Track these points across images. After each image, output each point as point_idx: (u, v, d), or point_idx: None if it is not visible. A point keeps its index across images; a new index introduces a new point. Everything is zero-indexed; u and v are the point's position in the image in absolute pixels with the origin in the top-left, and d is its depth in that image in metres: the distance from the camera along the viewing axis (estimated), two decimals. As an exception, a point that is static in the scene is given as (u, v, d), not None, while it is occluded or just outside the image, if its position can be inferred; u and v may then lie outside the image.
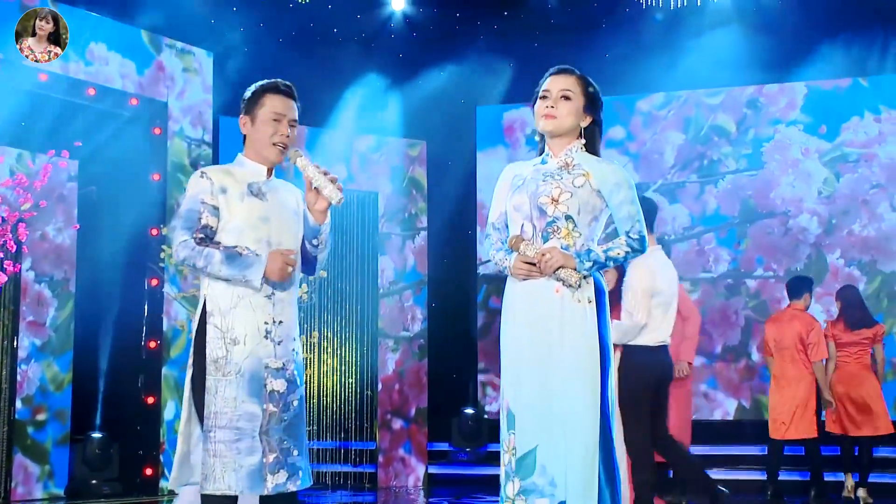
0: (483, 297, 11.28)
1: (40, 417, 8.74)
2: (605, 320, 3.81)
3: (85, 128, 8.67)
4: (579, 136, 3.95)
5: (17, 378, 8.57)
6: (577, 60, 4.12)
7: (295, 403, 3.85)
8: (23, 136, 8.45)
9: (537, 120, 3.94)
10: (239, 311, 3.80)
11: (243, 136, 4.00)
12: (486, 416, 10.75)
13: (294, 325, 3.93)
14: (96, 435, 8.93)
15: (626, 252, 3.86)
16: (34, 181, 7.08)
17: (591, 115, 3.95)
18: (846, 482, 8.41)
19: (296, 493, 3.88)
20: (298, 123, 4.00)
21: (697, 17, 10.23)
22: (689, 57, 10.35)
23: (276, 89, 3.95)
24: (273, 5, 10.03)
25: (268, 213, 3.88)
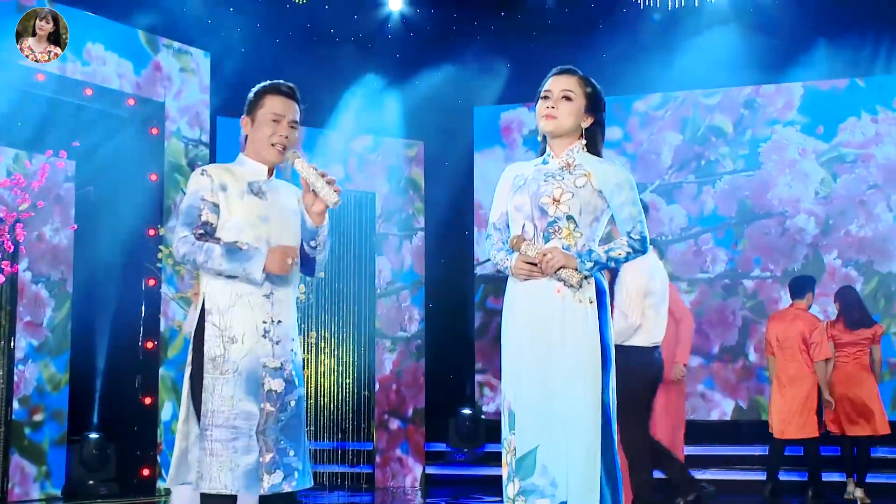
0: (480, 298, 11.28)
1: (37, 418, 8.73)
2: (607, 320, 3.80)
3: (82, 128, 8.66)
4: (581, 136, 3.95)
5: (14, 378, 8.55)
6: (574, 61, 4.11)
7: (293, 404, 3.83)
8: (20, 136, 8.43)
9: (538, 120, 3.94)
10: (237, 310, 3.79)
11: (245, 136, 4.01)
12: (483, 417, 10.75)
13: (293, 325, 3.92)
14: (93, 435, 8.91)
15: (627, 252, 3.86)
16: (32, 181, 7.07)
17: (593, 116, 3.95)
18: (848, 486, 8.41)
19: (295, 494, 3.87)
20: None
21: (694, 18, 10.24)
22: (686, 57, 10.36)
23: (277, 90, 3.95)
24: (270, 5, 10.02)
25: (267, 212, 3.88)
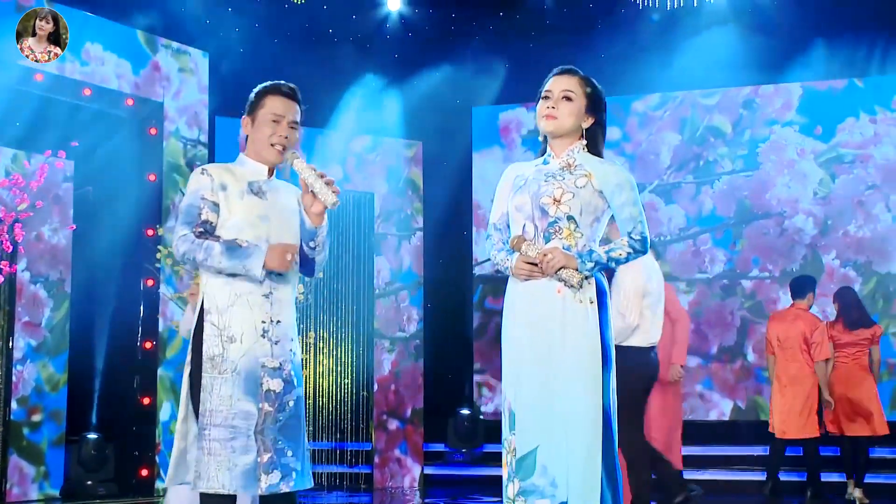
0: (479, 298, 11.28)
1: (36, 418, 8.72)
2: (607, 321, 3.80)
3: (80, 128, 8.66)
4: (581, 136, 3.95)
5: (13, 379, 8.55)
6: (572, 61, 4.10)
7: (291, 404, 3.82)
8: (18, 136, 8.43)
9: (539, 120, 3.94)
10: (236, 310, 3.79)
11: (245, 137, 4.01)
12: (481, 417, 10.75)
13: (292, 325, 3.92)
14: (92, 436, 8.91)
15: (628, 253, 3.85)
16: (30, 181, 7.07)
17: (594, 116, 3.94)
18: (848, 487, 8.40)
19: (294, 494, 3.87)
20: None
21: (693, 18, 10.25)
22: (684, 58, 10.36)
23: (278, 91, 3.95)
24: (269, 6, 10.02)
25: (267, 211, 3.88)
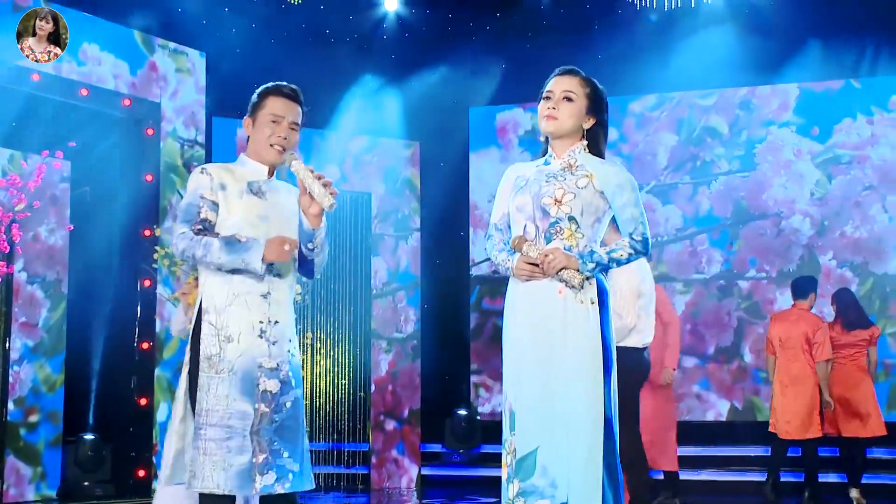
0: (476, 299, 11.29)
1: (32, 419, 8.71)
2: (608, 321, 3.80)
3: (77, 128, 8.65)
4: (582, 137, 3.95)
5: (10, 379, 8.53)
6: (569, 62, 4.10)
7: (288, 405, 3.82)
8: (15, 136, 8.41)
9: (540, 121, 3.93)
10: (234, 309, 3.79)
11: (247, 137, 4.02)
12: (478, 418, 10.76)
13: (290, 326, 3.92)
14: (89, 436, 8.89)
15: (629, 254, 3.85)
16: (28, 182, 7.06)
17: (595, 117, 3.94)
18: (851, 492, 8.40)
19: (294, 495, 3.86)
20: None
21: (690, 19, 10.25)
22: (681, 58, 10.37)
23: (279, 92, 3.96)
24: (266, 6, 10.01)
25: (267, 212, 3.88)
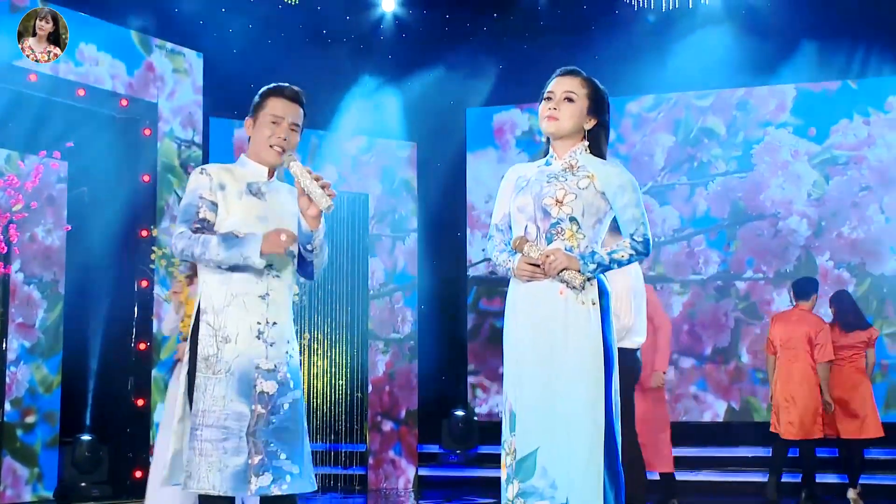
0: (473, 299, 11.28)
1: (29, 420, 8.69)
2: (609, 322, 3.79)
3: (74, 128, 8.63)
4: (584, 137, 3.94)
5: (6, 380, 8.52)
6: (566, 62, 4.09)
7: (286, 407, 3.80)
8: (12, 136, 8.40)
9: (540, 121, 3.92)
10: (232, 310, 3.79)
11: (248, 138, 4.01)
12: (476, 418, 10.76)
13: (289, 327, 3.91)
14: (86, 437, 8.88)
15: (630, 255, 3.85)
16: (25, 182, 7.05)
17: (596, 118, 3.93)
18: (848, 493, 8.41)
19: (294, 497, 3.85)
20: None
21: (686, 20, 10.25)
22: (679, 59, 10.38)
23: (280, 93, 3.94)
24: (263, 6, 10.00)
25: (266, 212, 3.87)
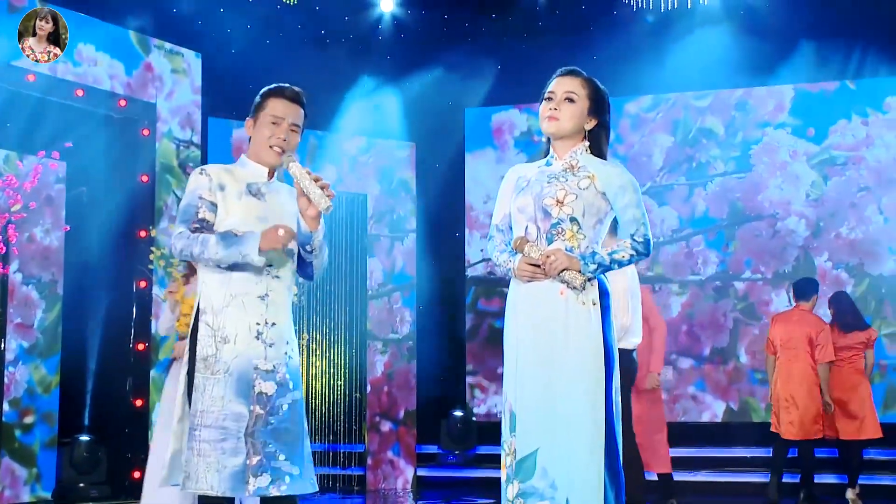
0: (472, 299, 11.29)
1: (28, 420, 8.68)
2: (610, 323, 3.79)
3: (72, 129, 8.62)
4: (584, 138, 3.94)
5: (5, 380, 8.51)
6: (565, 63, 4.09)
7: (285, 408, 3.80)
8: (10, 137, 8.39)
9: (541, 122, 3.92)
10: (231, 311, 3.79)
11: (249, 139, 4.01)
12: (474, 419, 10.75)
13: (288, 328, 3.91)
14: (84, 438, 8.86)
15: (630, 255, 3.85)
16: (24, 182, 7.05)
17: (597, 118, 3.93)
18: (847, 493, 8.40)
19: (295, 498, 3.85)
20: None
21: (685, 20, 10.25)
22: (677, 59, 10.38)
23: (281, 94, 3.94)
24: (262, 6, 10.00)
25: (266, 213, 3.87)
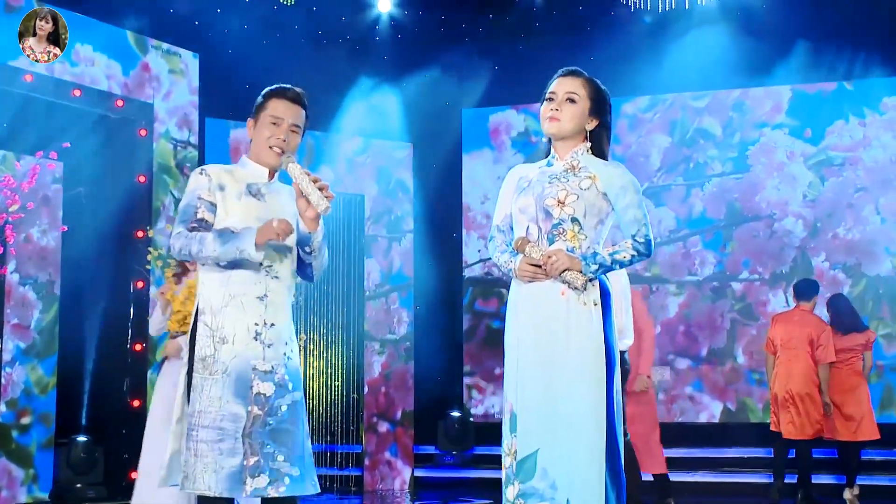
0: (469, 300, 11.28)
1: (25, 421, 8.68)
2: (611, 323, 3.79)
3: (70, 129, 8.61)
4: (585, 138, 3.93)
5: (2, 381, 8.50)
6: (562, 63, 4.10)
7: (284, 408, 3.79)
8: (8, 137, 8.38)
9: (542, 122, 3.92)
10: (229, 311, 3.78)
11: (250, 139, 4.00)
12: (471, 420, 10.75)
13: (287, 329, 3.90)
14: (81, 438, 8.85)
15: (632, 255, 3.84)
16: (21, 183, 7.04)
17: (598, 118, 3.92)
18: (844, 493, 8.41)
19: (295, 499, 3.84)
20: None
21: (682, 21, 10.27)
22: (674, 60, 10.39)
23: (282, 94, 3.94)
24: (259, 7, 9.99)
25: (265, 214, 3.85)
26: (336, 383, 10.32)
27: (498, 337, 3.95)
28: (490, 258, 3.93)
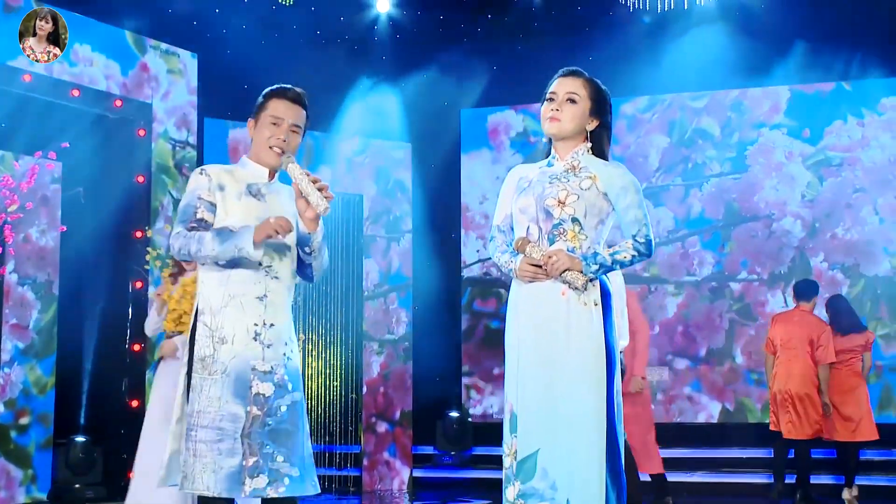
0: (467, 300, 11.28)
1: (23, 421, 8.67)
2: (611, 323, 3.79)
3: (69, 129, 8.60)
4: (586, 138, 3.93)
5: (0, 381, 8.50)
6: (561, 63, 4.10)
7: (283, 409, 3.79)
8: (7, 137, 8.38)
9: (542, 122, 3.92)
10: (229, 311, 3.78)
11: (251, 139, 4.01)
12: (470, 420, 10.75)
13: (287, 329, 3.90)
14: (80, 438, 8.85)
15: (632, 256, 3.85)
16: (20, 183, 7.03)
17: (599, 119, 3.93)
18: (843, 493, 8.41)
19: (295, 500, 3.84)
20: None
21: (681, 21, 10.27)
22: (673, 60, 10.39)
23: (282, 94, 3.94)
24: (258, 7, 9.99)
25: (265, 214, 3.85)
26: (335, 383, 10.32)
27: (496, 337, 3.95)
28: (489, 258, 3.93)
